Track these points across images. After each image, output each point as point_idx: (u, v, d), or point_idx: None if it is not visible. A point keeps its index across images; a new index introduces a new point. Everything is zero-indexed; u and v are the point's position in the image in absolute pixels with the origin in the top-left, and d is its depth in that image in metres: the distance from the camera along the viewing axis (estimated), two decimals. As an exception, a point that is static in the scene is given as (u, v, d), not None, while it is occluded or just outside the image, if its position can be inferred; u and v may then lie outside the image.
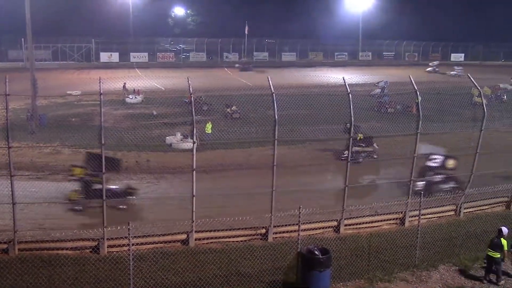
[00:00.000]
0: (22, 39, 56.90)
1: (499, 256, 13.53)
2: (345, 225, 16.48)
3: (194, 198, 14.81)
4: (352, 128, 16.21)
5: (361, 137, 23.75)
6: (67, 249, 14.03)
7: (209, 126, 26.98)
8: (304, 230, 14.52)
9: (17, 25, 46.11)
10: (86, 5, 75.80)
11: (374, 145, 24.12)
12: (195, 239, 14.95)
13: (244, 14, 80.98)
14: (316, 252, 12.44)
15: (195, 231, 14.94)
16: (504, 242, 13.58)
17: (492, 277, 13.73)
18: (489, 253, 13.64)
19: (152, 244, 14.51)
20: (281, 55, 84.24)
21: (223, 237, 15.18)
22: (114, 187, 17.37)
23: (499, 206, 19.10)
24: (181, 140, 26.52)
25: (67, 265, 13.10)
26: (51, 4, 63.40)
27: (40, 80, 33.69)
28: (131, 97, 40.07)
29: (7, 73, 16.40)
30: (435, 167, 19.24)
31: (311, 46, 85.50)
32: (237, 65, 70.89)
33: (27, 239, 14.29)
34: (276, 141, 15.53)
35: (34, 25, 32.83)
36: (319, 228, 16.24)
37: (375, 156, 23.60)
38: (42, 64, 57.84)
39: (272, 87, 15.60)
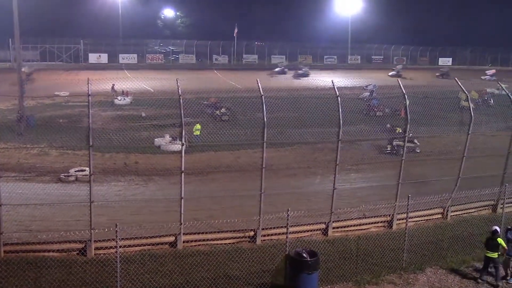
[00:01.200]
0: (10, 39, 56.39)
1: (497, 256, 13.65)
2: (333, 228, 16.54)
3: (183, 200, 14.76)
4: (341, 132, 16.24)
5: (400, 131, 24.87)
6: (53, 251, 13.90)
7: (196, 128, 26.86)
8: (293, 232, 14.52)
9: (4, 25, 45.78)
10: (75, 6, 75.46)
11: (415, 141, 24.94)
12: (183, 242, 14.89)
13: (234, 17, 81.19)
14: (304, 254, 12.45)
15: (183, 234, 14.88)
16: (501, 241, 13.72)
17: (487, 277, 13.85)
18: (488, 254, 13.73)
19: (140, 246, 14.43)
20: (270, 58, 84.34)
21: (211, 240, 15.14)
22: None
23: (485, 209, 19.27)
24: (170, 142, 26.43)
25: (53, 268, 12.96)
26: (39, 4, 63.03)
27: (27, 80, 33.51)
28: (119, 99, 39.86)
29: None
30: None
31: (300, 49, 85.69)
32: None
33: (13, 241, 14.14)
34: (265, 143, 15.53)
35: (22, 25, 32.58)
36: (308, 231, 16.27)
37: (417, 151, 24.22)
38: (30, 64, 57.32)
39: (261, 89, 15.62)
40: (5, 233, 13.95)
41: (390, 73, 66.75)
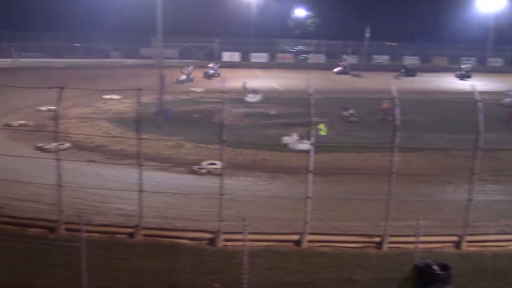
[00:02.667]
0: (153, 38, 60.86)
1: None
2: (467, 242, 15.45)
3: (309, 199, 14.82)
4: (481, 139, 15.16)
5: None
6: (186, 238, 14.68)
7: (319, 128, 26.65)
8: (422, 242, 13.88)
9: (148, 25, 49.46)
10: (212, 6, 79.15)
11: None
12: (308, 241, 14.91)
13: (366, 17, 79.47)
14: (434, 266, 11.83)
15: (308, 233, 14.93)
16: None
17: None
18: None
19: (266, 242, 14.69)
20: (402, 59, 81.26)
21: (336, 242, 14.94)
22: None
23: None
24: (297, 140, 26.67)
25: (186, 254, 13.68)
26: (180, 6, 67.15)
27: (167, 76, 35.79)
28: (250, 96, 41.15)
29: (138, 69, 17.70)
30: None
31: (435, 50, 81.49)
32: None
33: (150, 226, 15.21)
34: (395, 147, 15.02)
35: (164, 25, 34.90)
36: (438, 242, 15.38)
37: None
38: (169, 61, 61.20)
39: (394, 91, 15.15)
40: (144, 218, 15.07)
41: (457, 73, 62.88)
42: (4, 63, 62.74)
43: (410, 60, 79.44)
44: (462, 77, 60.58)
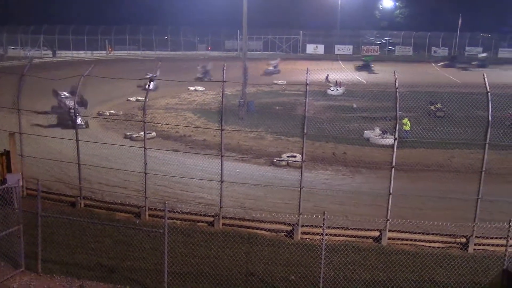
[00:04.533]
0: (238, 31, 61.85)
1: None
2: None
3: (391, 196, 14.41)
4: None
5: None
6: (264, 229, 14.84)
7: (404, 122, 25.75)
8: (512, 246, 13.08)
9: (233, 18, 50.41)
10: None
11: None
12: (388, 238, 14.54)
13: (458, 7, 75.60)
14: (526, 272, 11.06)
15: (389, 230, 14.54)
16: None
17: None
18: None
19: (344, 237, 14.52)
20: (497, 51, 76.58)
21: (417, 240, 14.45)
22: None
23: None
24: (380, 135, 26.03)
25: (263, 245, 13.83)
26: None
27: (250, 69, 36.20)
28: (332, 89, 40.72)
29: (223, 61, 18.03)
30: None
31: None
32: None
33: (230, 216, 15.49)
34: (487, 144, 14.21)
35: (249, 18, 35.28)
36: (531, 246, 14.44)
37: None
38: (253, 54, 61.94)
39: (487, 85, 14.33)
40: (224, 207, 15.38)
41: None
42: (99, 55, 66.67)
43: (506, 53, 74.74)
44: None
